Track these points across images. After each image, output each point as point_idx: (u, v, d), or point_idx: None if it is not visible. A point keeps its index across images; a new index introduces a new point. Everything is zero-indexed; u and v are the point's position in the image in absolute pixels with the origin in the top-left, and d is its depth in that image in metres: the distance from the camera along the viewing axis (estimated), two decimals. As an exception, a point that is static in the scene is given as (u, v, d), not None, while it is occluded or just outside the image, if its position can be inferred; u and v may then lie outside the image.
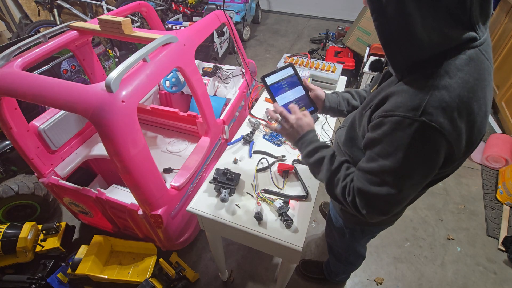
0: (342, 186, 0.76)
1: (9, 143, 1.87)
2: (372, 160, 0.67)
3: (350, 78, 3.28)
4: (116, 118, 0.97)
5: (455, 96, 0.55)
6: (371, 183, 0.68)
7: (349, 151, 0.88)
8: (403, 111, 0.58)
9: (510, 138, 2.43)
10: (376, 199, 0.68)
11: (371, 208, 0.70)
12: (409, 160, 0.60)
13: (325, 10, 5.07)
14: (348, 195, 0.74)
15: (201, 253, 1.85)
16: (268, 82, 1.00)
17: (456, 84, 0.55)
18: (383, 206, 0.69)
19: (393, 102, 0.61)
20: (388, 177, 0.65)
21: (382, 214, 0.70)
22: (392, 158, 0.62)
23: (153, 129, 1.98)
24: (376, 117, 0.64)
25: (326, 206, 2.05)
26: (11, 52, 1.16)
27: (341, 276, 1.62)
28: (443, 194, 2.20)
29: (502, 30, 2.91)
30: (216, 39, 3.37)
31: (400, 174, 0.63)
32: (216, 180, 1.13)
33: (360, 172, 0.71)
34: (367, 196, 0.69)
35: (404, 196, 0.67)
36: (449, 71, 0.56)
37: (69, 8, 3.29)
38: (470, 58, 0.57)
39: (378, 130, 0.64)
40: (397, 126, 0.59)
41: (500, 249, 1.87)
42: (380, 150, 0.65)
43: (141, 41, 1.24)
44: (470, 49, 0.57)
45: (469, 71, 0.56)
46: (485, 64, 0.58)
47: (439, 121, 0.55)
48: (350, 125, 0.88)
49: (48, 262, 1.63)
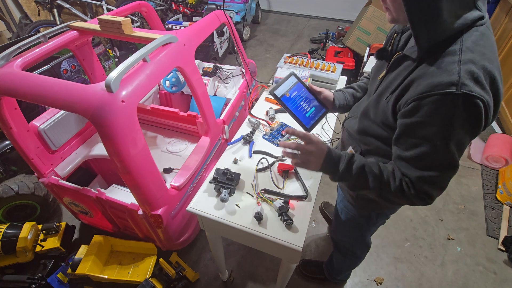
0: (397, 185, 0.74)
1: (9, 143, 1.87)
2: (417, 145, 0.69)
3: (350, 78, 3.28)
4: (116, 118, 0.97)
5: (480, 67, 0.61)
6: (424, 168, 0.70)
7: (363, 140, 0.89)
8: (442, 88, 0.61)
9: (510, 138, 2.43)
10: (437, 179, 0.70)
11: (433, 190, 0.72)
12: (458, 132, 0.64)
13: (325, 10, 5.06)
14: (408, 190, 0.73)
15: (201, 253, 1.85)
16: (279, 95, 1.01)
17: (479, 56, 0.62)
18: (444, 183, 0.72)
19: (425, 83, 0.64)
20: (442, 156, 0.67)
21: (442, 190, 0.73)
22: (441, 135, 0.65)
23: (153, 129, 1.98)
24: (409, 102, 0.66)
25: (326, 206, 2.05)
26: (11, 52, 1.16)
27: (343, 274, 1.62)
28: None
29: (502, 30, 2.91)
30: (216, 39, 3.37)
31: (451, 148, 0.66)
32: (216, 180, 1.13)
33: (406, 162, 0.72)
34: (427, 181, 0.71)
35: (458, 165, 0.70)
36: (469, 46, 0.62)
37: (69, 8, 3.29)
38: (482, 34, 0.64)
39: (418, 113, 0.66)
40: (441, 104, 0.62)
41: (500, 249, 1.87)
42: (425, 133, 0.67)
43: (141, 41, 1.24)
44: (480, 26, 0.64)
45: (484, 44, 0.63)
46: (492, 39, 0.66)
47: (477, 90, 0.60)
48: (363, 114, 0.88)
49: (48, 262, 1.63)
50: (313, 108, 1.05)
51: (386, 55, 0.84)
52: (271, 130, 1.41)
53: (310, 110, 1.05)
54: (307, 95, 1.06)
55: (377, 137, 0.84)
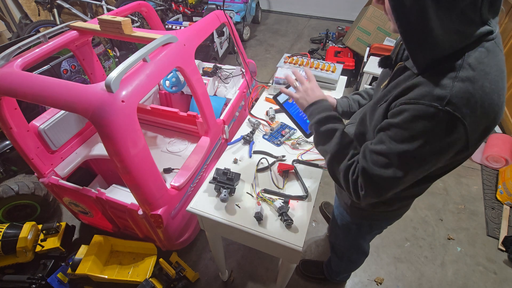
0: (348, 164, 0.77)
1: (9, 143, 1.87)
2: (382, 142, 0.69)
3: (350, 78, 3.28)
4: (116, 118, 0.97)
5: (479, 87, 0.57)
6: (376, 164, 0.69)
7: (360, 146, 0.89)
8: (428, 100, 0.59)
9: (510, 138, 2.43)
10: (379, 180, 0.69)
11: (370, 189, 0.72)
12: (426, 146, 0.62)
13: (325, 10, 5.06)
14: (352, 174, 0.75)
15: (201, 253, 1.85)
16: (281, 101, 1.04)
17: (479, 76, 0.58)
18: (382, 188, 0.71)
19: (417, 91, 0.63)
20: (397, 160, 0.66)
21: (377, 196, 0.72)
22: (408, 143, 0.64)
23: (153, 129, 1.98)
24: (398, 104, 0.66)
25: (326, 206, 2.05)
26: (11, 52, 1.16)
27: (342, 275, 1.62)
28: (443, 194, 2.20)
29: (502, 30, 2.91)
30: (216, 39, 3.37)
31: (411, 158, 0.65)
32: (216, 180, 1.13)
33: (367, 152, 0.72)
34: (370, 176, 0.70)
35: (407, 180, 0.69)
36: (471, 63, 0.59)
37: (69, 8, 3.29)
38: (488, 51, 0.60)
39: (399, 116, 0.65)
40: (421, 114, 0.61)
41: (500, 249, 1.87)
42: (395, 133, 0.66)
43: (141, 41, 1.24)
44: (487, 41, 0.60)
45: (489, 63, 0.59)
46: (500, 56, 0.62)
47: (462, 112, 0.57)
48: (360, 120, 0.89)
49: (48, 262, 1.63)
50: None
51: (389, 63, 0.83)
52: (271, 130, 1.41)
53: None
54: None
55: None
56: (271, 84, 1.69)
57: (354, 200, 0.77)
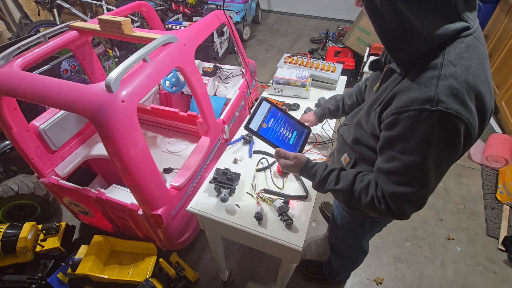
0: (367, 201, 0.76)
1: (9, 143, 1.87)
2: (394, 159, 0.68)
3: (350, 78, 3.28)
4: (116, 118, 0.97)
5: (462, 81, 0.58)
6: (399, 184, 0.69)
7: (357, 149, 0.90)
8: (418, 104, 0.60)
9: (510, 138, 2.43)
10: (411, 197, 0.69)
11: (407, 207, 0.71)
12: (435, 150, 0.62)
13: (325, 10, 5.06)
14: (380, 205, 0.74)
15: (201, 253, 1.85)
16: (255, 128, 0.97)
17: (461, 70, 0.59)
18: (418, 201, 0.71)
19: (404, 98, 0.63)
20: (417, 173, 0.66)
21: (419, 208, 0.72)
22: (417, 152, 0.64)
23: (153, 129, 1.98)
24: (389, 115, 0.66)
25: (326, 206, 2.05)
26: (11, 52, 1.16)
27: (342, 275, 1.62)
28: (443, 194, 2.20)
29: (502, 30, 2.90)
30: (216, 39, 3.37)
31: (428, 166, 0.65)
32: (216, 180, 1.13)
33: (383, 175, 0.72)
34: (401, 197, 0.70)
35: (434, 185, 0.69)
36: (452, 60, 0.59)
37: (69, 8, 3.29)
38: (468, 46, 0.61)
39: (395, 127, 0.65)
40: (416, 120, 0.61)
41: (500, 249, 1.87)
42: (402, 147, 0.66)
43: (141, 41, 1.24)
44: (466, 37, 0.61)
45: (469, 57, 0.60)
46: (481, 50, 0.63)
47: (454, 107, 0.58)
48: (357, 124, 0.89)
49: (48, 262, 1.63)
50: (295, 133, 1.01)
51: (379, 66, 0.83)
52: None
53: (292, 136, 1.02)
54: (284, 119, 1.01)
55: (369, 147, 0.85)
56: (271, 84, 1.69)
57: (397, 219, 0.78)
